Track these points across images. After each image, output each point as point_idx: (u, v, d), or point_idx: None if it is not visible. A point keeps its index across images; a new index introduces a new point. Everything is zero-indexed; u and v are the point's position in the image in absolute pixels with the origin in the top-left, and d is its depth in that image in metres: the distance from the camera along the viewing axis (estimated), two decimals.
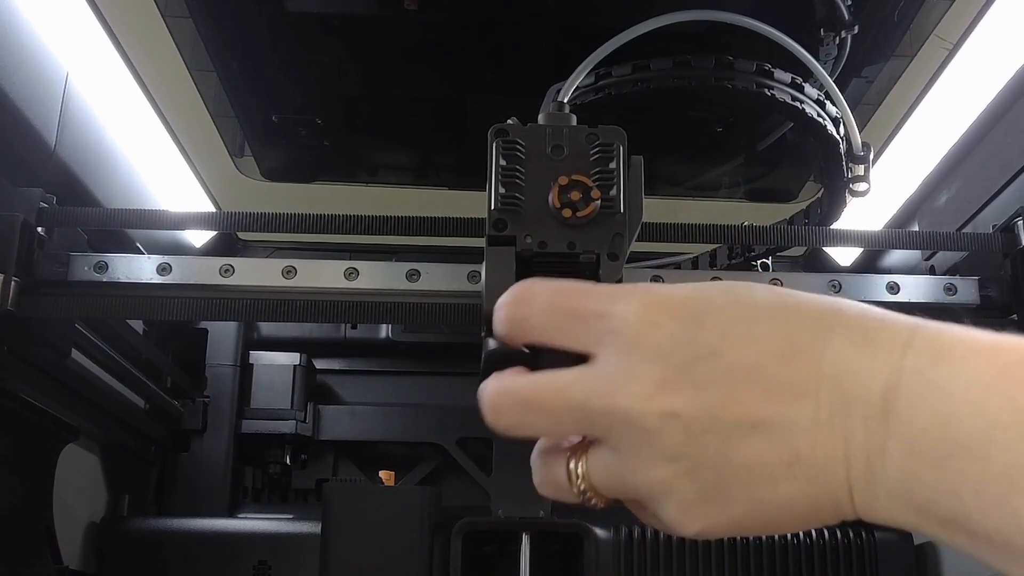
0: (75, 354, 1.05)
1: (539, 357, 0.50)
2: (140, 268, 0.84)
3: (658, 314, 0.39)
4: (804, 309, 0.39)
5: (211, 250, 1.52)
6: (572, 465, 0.42)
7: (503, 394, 0.41)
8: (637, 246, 0.70)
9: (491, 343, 0.57)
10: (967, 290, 0.97)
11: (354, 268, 0.81)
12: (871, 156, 1.02)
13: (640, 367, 0.38)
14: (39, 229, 0.87)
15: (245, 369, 1.52)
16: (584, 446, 0.42)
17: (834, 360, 0.36)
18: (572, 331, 0.41)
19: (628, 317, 0.39)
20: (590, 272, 0.63)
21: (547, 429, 0.41)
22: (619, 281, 0.64)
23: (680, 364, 0.38)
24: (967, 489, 0.32)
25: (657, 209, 1.41)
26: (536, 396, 0.40)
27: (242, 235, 1.59)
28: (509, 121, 0.65)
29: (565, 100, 0.80)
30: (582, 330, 0.40)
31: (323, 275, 0.81)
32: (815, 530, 1.33)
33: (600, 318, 0.40)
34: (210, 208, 1.53)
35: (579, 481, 0.42)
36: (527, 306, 0.42)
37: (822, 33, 1.05)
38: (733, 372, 0.37)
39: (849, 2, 1.04)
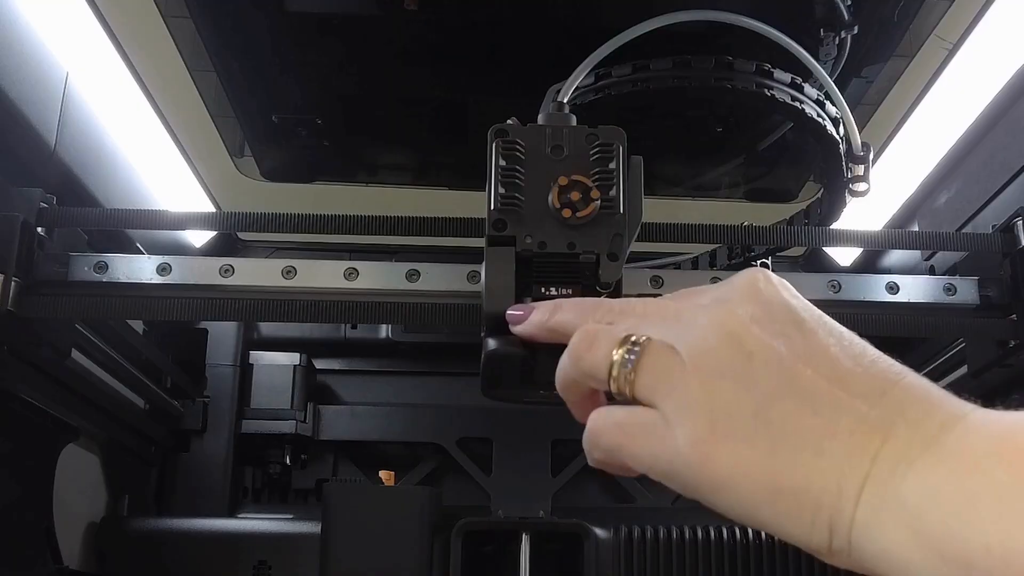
0: (75, 354, 1.05)
1: (538, 353, 0.50)
2: (140, 268, 0.84)
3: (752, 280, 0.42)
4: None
5: (211, 250, 1.52)
6: (638, 338, 0.41)
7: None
8: (637, 246, 0.70)
9: (491, 343, 0.57)
10: (967, 290, 0.97)
11: (354, 268, 0.81)
12: (871, 156, 1.02)
13: (732, 298, 0.41)
14: (39, 229, 0.87)
15: (245, 369, 1.52)
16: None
17: (906, 387, 0.37)
18: (659, 323, 0.43)
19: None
20: (590, 272, 0.63)
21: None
22: (619, 281, 0.64)
23: (775, 305, 0.40)
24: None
25: (657, 209, 1.41)
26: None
27: (242, 235, 1.59)
28: (509, 121, 0.65)
29: (565, 100, 0.80)
30: (672, 316, 0.43)
31: (323, 275, 0.81)
32: None
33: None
34: (210, 208, 1.53)
35: (634, 351, 0.41)
36: (560, 309, 0.49)
37: (822, 33, 1.05)
38: (821, 344, 0.39)
39: (849, 2, 1.04)
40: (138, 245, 1.18)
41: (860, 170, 1.01)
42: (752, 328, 0.39)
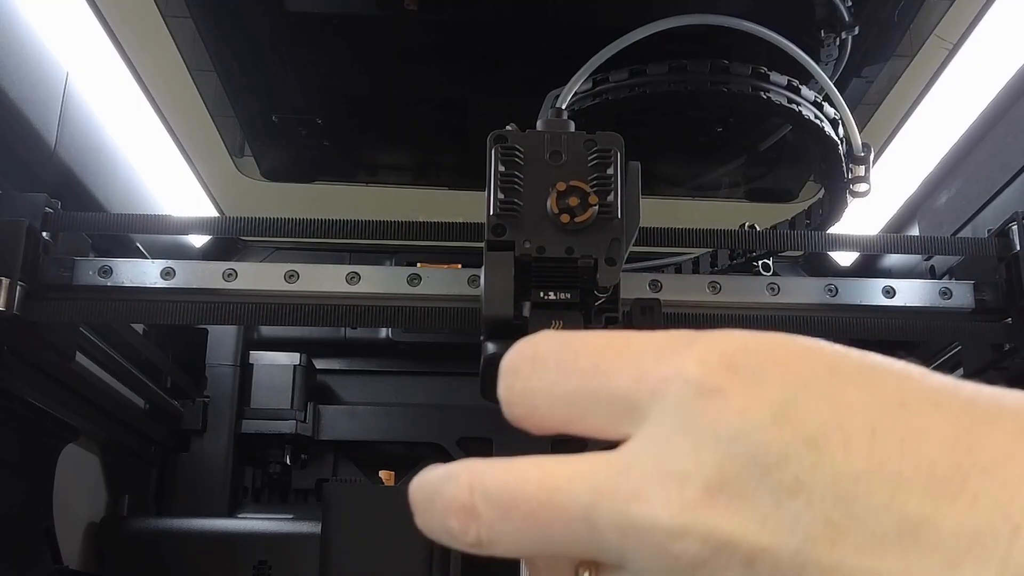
0: (77, 355, 1.05)
1: None
2: (144, 272, 0.85)
3: (728, 373, 0.24)
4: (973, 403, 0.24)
5: (212, 250, 1.52)
6: None
7: (474, 491, 0.25)
8: (637, 247, 0.71)
9: (490, 347, 0.57)
10: (962, 294, 0.97)
11: (355, 272, 0.81)
12: (871, 157, 1.02)
13: (684, 455, 0.23)
14: (44, 234, 0.88)
15: (245, 369, 1.52)
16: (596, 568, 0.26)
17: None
18: (595, 406, 0.26)
19: (684, 375, 0.24)
20: (588, 276, 0.63)
21: (536, 548, 0.25)
22: (616, 286, 0.64)
23: (752, 458, 0.23)
24: None
25: (657, 209, 1.41)
26: (518, 495, 0.25)
27: (243, 236, 1.59)
28: (508, 127, 0.65)
29: (563, 106, 0.80)
30: (608, 401, 0.25)
31: (324, 279, 0.82)
32: None
33: (638, 380, 0.25)
34: (210, 207, 1.53)
35: None
36: (531, 377, 0.27)
37: (823, 35, 1.05)
38: (844, 485, 0.22)
39: (849, 3, 1.04)
40: (139, 246, 1.18)
41: (860, 171, 1.01)
42: (710, 515, 0.23)
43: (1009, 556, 0.21)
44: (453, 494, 0.26)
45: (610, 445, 0.25)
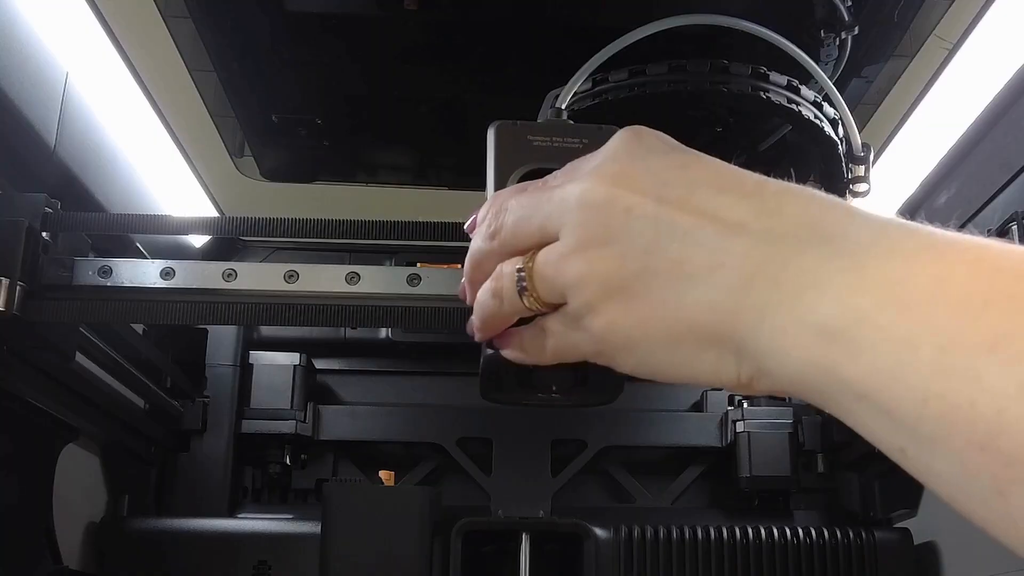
0: (77, 355, 1.05)
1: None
2: (144, 273, 0.84)
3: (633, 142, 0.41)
4: None
5: (212, 250, 1.52)
6: (521, 264, 0.42)
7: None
8: None
9: (489, 348, 0.57)
10: None
11: (355, 272, 0.81)
12: (871, 157, 1.02)
13: (602, 163, 0.41)
14: (44, 234, 0.88)
15: (245, 369, 1.52)
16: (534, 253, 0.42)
17: (809, 201, 0.36)
18: (540, 207, 0.42)
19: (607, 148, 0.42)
20: None
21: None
22: None
23: (640, 158, 0.40)
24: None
25: None
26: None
27: (243, 236, 1.59)
28: None
29: (563, 106, 0.81)
30: (546, 199, 0.42)
31: (325, 280, 0.82)
32: (815, 530, 1.33)
33: (569, 174, 0.42)
34: (210, 207, 1.53)
35: (521, 276, 0.42)
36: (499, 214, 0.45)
37: (822, 35, 1.05)
38: (695, 180, 0.38)
39: (849, 3, 1.04)
40: (139, 246, 1.18)
41: (860, 170, 1.01)
42: (624, 185, 0.39)
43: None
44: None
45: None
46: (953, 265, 0.30)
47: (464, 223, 0.53)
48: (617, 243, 0.38)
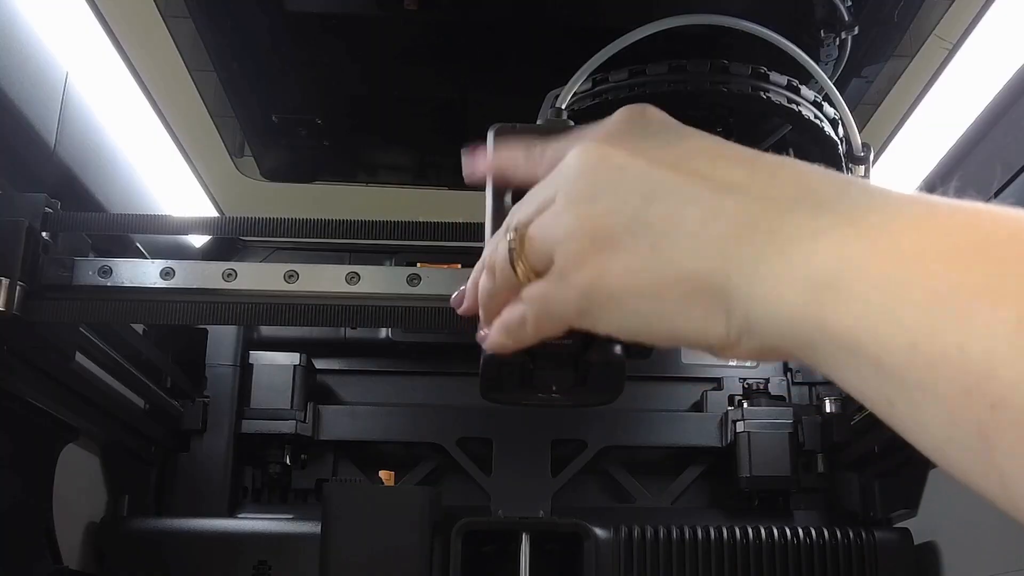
0: (76, 355, 1.05)
1: (536, 357, 0.50)
2: (144, 273, 0.85)
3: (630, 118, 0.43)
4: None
5: (212, 250, 1.52)
6: (514, 233, 0.42)
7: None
8: None
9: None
10: None
11: (355, 272, 0.81)
12: (871, 157, 1.02)
13: (599, 130, 0.42)
14: (44, 234, 0.88)
15: (245, 369, 1.52)
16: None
17: (802, 168, 0.36)
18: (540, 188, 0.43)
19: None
20: None
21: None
22: None
23: (639, 127, 0.41)
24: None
25: None
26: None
27: (243, 236, 1.59)
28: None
29: (563, 106, 0.80)
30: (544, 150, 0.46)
31: (324, 280, 0.82)
32: (815, 530, 1.33)
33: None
34: (210, 207, 1.53)
35: (512, 240, 0.41)
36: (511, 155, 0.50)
37: (822, 35, 1.05)
38: (691, 148, 0.39)
39: (849, 3, 1.04)
40: (139, 246, 1.18)
41: (860, 171, 1.01)
42: (621, 144, 0.39)
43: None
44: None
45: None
46: (949, 218, 0.30)
47: (463, 222, 0.54)
48: (608, 198, 0.38)
